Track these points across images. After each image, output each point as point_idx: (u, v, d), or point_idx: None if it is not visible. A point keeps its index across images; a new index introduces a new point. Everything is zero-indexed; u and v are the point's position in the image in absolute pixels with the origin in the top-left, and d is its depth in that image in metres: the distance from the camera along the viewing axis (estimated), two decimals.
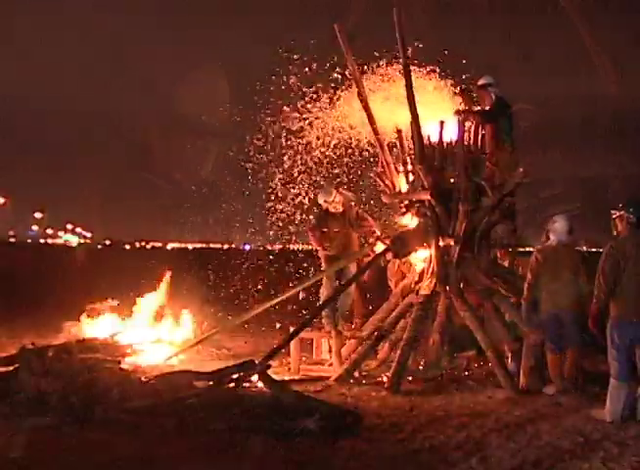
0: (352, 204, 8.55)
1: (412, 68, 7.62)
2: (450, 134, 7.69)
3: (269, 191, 9.10)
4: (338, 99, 8.40)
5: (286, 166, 8.87)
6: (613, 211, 5.81)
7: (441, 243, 7.54)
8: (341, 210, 8.35)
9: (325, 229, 8.36)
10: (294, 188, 8.95)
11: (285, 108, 8.65)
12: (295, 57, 8.52)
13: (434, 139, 7.68)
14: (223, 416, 5.29)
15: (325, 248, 8.35)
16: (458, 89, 8.10)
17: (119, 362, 7.17)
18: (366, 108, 7.99)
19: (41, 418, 5.25)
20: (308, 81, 8.51)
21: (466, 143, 7.65)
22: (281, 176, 8.95)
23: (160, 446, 4.78)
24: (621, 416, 5.53)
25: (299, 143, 8.65)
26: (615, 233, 5.80)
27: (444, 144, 7.62)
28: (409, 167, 7.90)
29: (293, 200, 8.98)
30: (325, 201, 8.33)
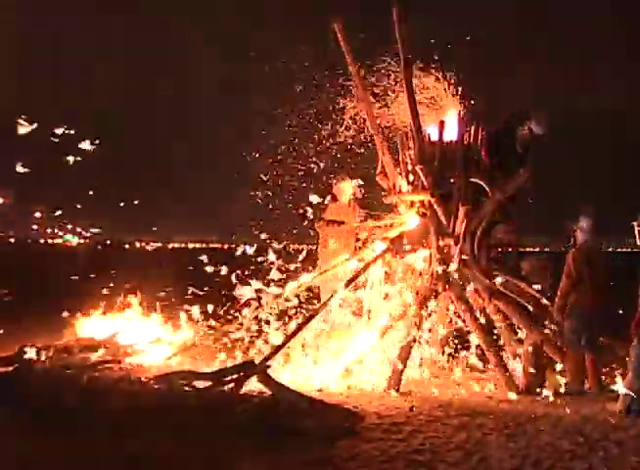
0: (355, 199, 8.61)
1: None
2: (450, 134, 7.70)
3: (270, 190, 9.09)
4: (338, 99, 8.41)
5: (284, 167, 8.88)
6: (634, 223, 5.94)
7: (441, 243, 7.55)
8: (346, 201, 8.44)
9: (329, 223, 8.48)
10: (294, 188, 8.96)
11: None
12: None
13: (435, 139, 7.69)
14: (223, 416, 5.29)
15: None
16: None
17: (119, 362, 7.18)
18: (367, 107, 7.99)
19: (41, 418, 5.25)
20: (309, 81, 8.52)
21: (466, 143, 7.66)
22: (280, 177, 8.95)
23: (160, 445, 4.77)
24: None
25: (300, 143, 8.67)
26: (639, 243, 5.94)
27: (444, 144, 7.62)
28: (409, 167, 7.91)
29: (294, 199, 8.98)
30: (338, 187, 8.48)
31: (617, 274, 6.85)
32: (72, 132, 7.63)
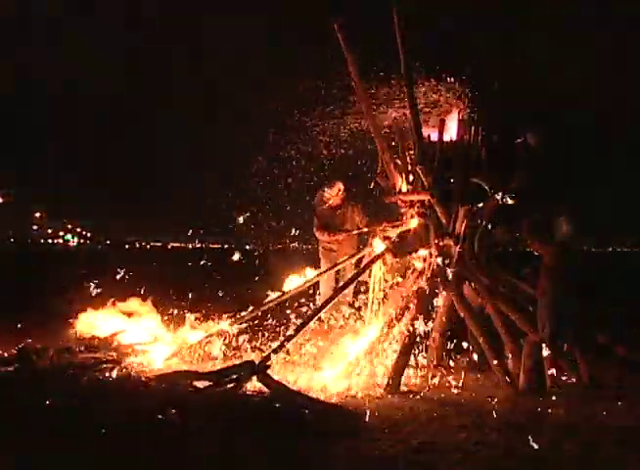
0: (353, 203, 8.73)
1: None
2: (450, 134, 7.71)
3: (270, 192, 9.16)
4: (338, 99, 8.43)
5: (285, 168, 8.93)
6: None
7: (441, 243, 7.56)
8: (338, 202, 8.57)
9: (326, 226, 8.64)
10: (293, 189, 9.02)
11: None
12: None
13: (435, 138, 7.70)
14: (223, 416, 5.29)
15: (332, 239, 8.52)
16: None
17: (119, 362, 7.18)
18: (366, 107, 8.00)
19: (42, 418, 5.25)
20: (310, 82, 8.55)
21: (466, 143, 7.67)
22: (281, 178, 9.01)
23: (160, 445, 4.78)
24: None
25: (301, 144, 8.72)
26: None
27: (444, 144, 7.63)
28: (409, 167, 7.92)
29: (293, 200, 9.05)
30: (328, 193, 8.60)
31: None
32: None
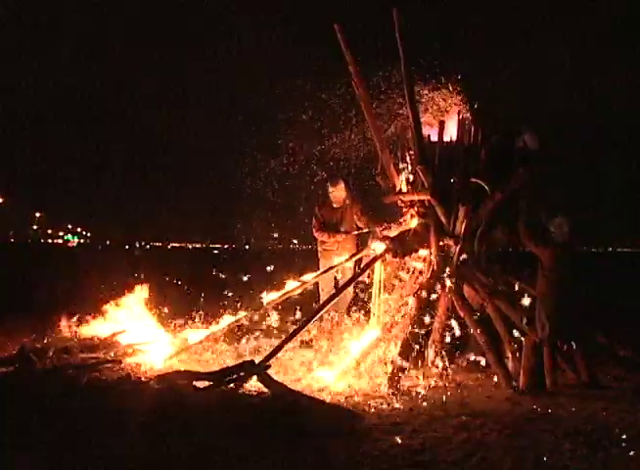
0: (352, 203, 8.76)
1: None
2: (450, 134, 7.72)
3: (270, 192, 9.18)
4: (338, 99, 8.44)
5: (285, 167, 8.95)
6: None
7: (441, 243, 7.56)
8: (341, 201, 8.61)
9: (325, 227, 8.68)
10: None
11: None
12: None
13: (434, 139, 7.71)
14: (223, 416, 5.30)
15: (330, 235, 8.62)
16: None
17: (119, 362, 7.19)
18: (367, 108, 8.01)
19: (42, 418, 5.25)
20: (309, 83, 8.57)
21: (465, 143, 7.67)
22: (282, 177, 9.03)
23: (160, 446, 4.77)
24: None
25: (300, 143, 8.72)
26: None
27: (444, 144, 7.63)
28: (409, 167, 7.93)
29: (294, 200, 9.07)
30: (331, 186, 8.68)
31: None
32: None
